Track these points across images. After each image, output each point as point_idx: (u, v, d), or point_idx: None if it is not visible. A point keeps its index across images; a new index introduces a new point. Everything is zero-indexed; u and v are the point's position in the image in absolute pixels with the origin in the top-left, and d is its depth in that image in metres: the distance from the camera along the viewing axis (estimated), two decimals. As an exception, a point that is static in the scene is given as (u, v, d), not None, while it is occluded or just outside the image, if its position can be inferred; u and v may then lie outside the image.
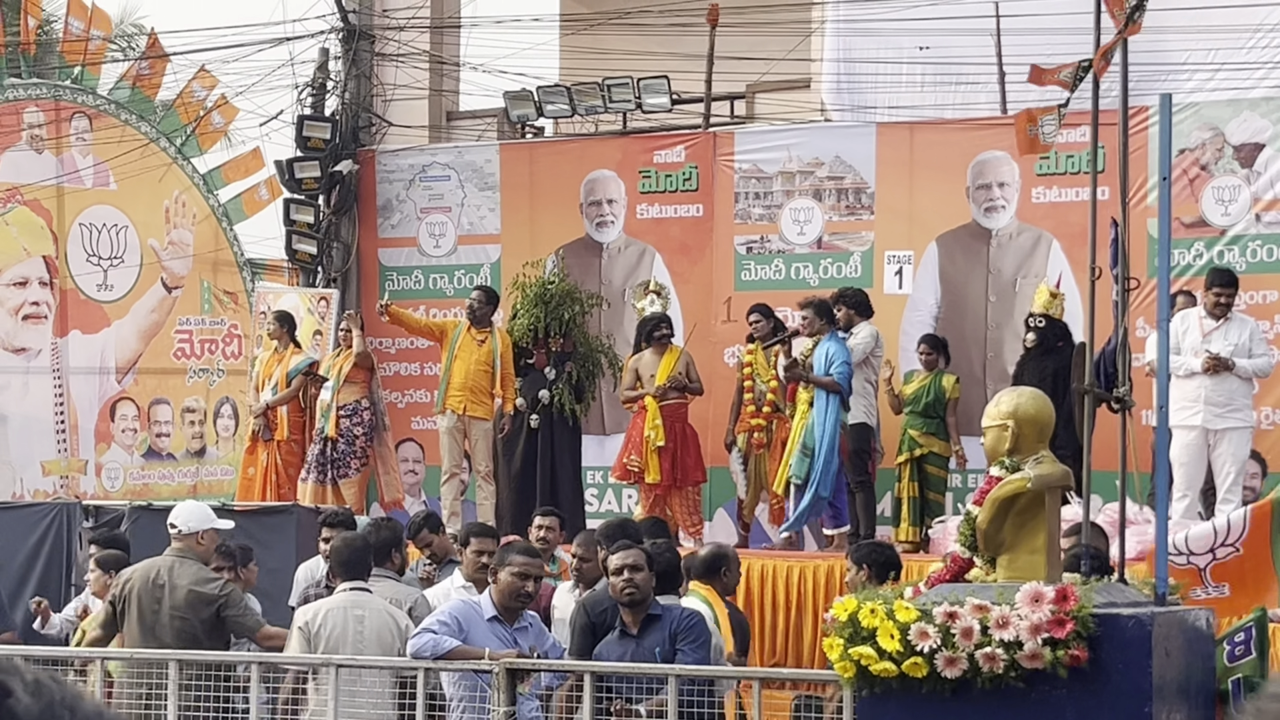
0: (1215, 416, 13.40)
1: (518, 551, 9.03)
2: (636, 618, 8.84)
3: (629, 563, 8.85)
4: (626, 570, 8.84)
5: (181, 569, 10.35)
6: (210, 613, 10.22)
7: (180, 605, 10.21)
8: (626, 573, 8.84)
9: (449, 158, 18.16)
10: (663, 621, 8.81)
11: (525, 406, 15.42)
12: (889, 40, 17.20)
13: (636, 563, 8.86)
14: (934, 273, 16.09)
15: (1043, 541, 7.00)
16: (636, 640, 8.79)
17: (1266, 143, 15.10)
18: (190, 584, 10.26)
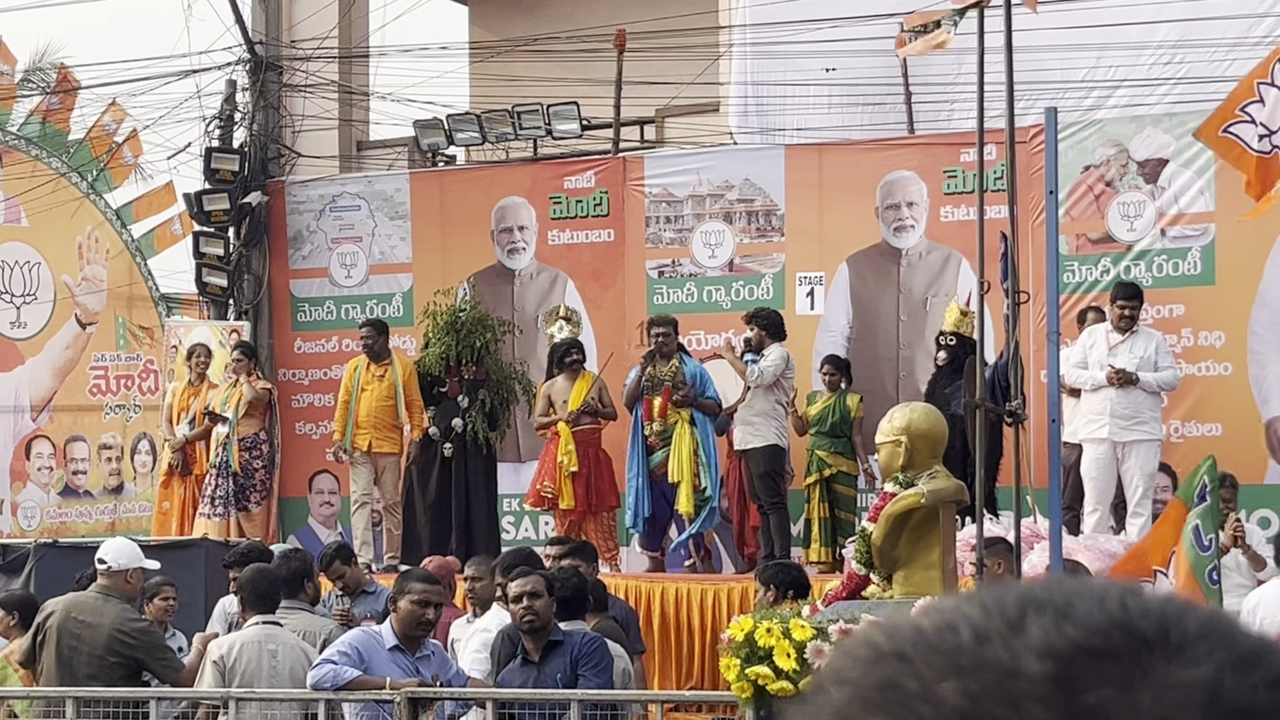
0: (1122, 429, 13.48)
1: (417, 579, 8.97)
2: (538, 645, 8.81)
3: (528, 590, 8.81)
4: (525, 598, 8.80)
5: (106, 607, 10.27)
6: (130, 656, 10.14)
7: (100, 645, 10.11)
8: (525, 600, 8.80)
9: (359, 187, 18.10)
10: (564, 648, 8.77)
11: (439, 435, 15.36)
12: (796, 63, 17.26)
13: (535, 589, 8.82)
14: (845, 293, 16.14)
15: (937, 556, 7.01)
16: (538, 667, 8.76)
17: (1170, 158, 15.21)
18: (113, 625, 10.17)
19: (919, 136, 16.42)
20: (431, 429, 15.40)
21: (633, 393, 14.48)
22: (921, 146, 16.16)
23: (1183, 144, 15.14)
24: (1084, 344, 13.94)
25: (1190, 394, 14.92)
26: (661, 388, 14.44)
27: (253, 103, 18.63)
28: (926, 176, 15.97)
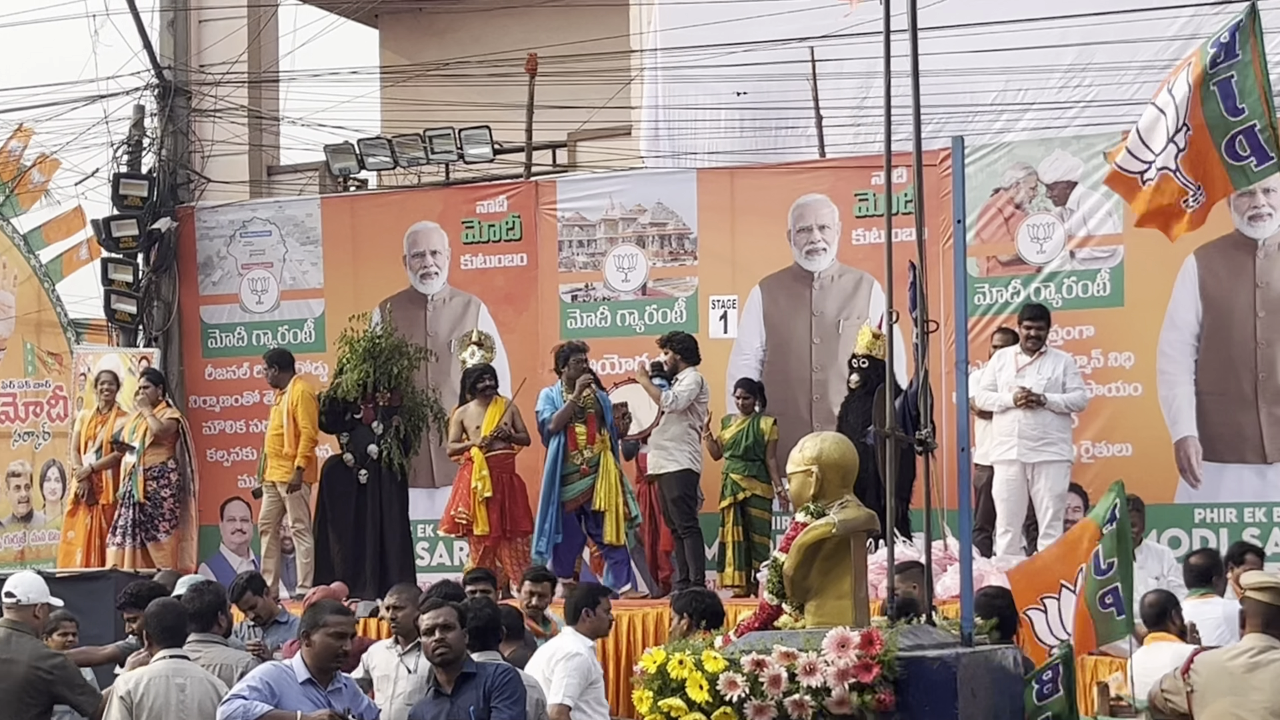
0: (1030, 450, 13.58)
1: (331, 611, 8.87)
2: (450, 677, 8.75)
3: (439, 622, 8.75)
4: (437, 630, 8.74)
5: (20, 643, 10.15)
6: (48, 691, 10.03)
7: (18, 682, 10.00)
8: (438, 632, 8.74)
9: (270, 212, 18.00)
10: (477, 679, 8.72)
11: (354, 462, 15.27)
12: (707, 86, 17.30)
13: (447, 621, 8.76)
14: (758, 316, 16.17)
15: (849, 586, 7.01)
16: (451, 700, 8.71)
17: (1079, 180, 15.32)
18: (30, 661, 10.07)
19: (830, 160, 16.48)
20: (346, 455, 15.32)
21: (564, 418, 14.35)
22: (832, 170, 16.21)
23: (1091, 166, 15.26)
24: (994, 366, 14.03)
25: (1100, 415, 15.02)
26: (585, 415, 14.38)
27: (161, 128, 18.48)
28: (838, 200, 16.02)
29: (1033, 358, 13.82)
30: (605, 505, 14.37)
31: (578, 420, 14.41)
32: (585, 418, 14.41)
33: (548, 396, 14.52)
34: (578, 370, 14.47)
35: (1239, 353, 14.88)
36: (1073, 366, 14.01)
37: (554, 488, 14.42)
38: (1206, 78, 11.54)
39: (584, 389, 14.34)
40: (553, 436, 14.43)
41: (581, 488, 14.45)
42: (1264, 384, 14.80)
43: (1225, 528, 14.48)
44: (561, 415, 14.35)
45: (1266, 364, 14.80)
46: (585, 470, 14.41)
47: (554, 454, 14.43)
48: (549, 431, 14.42)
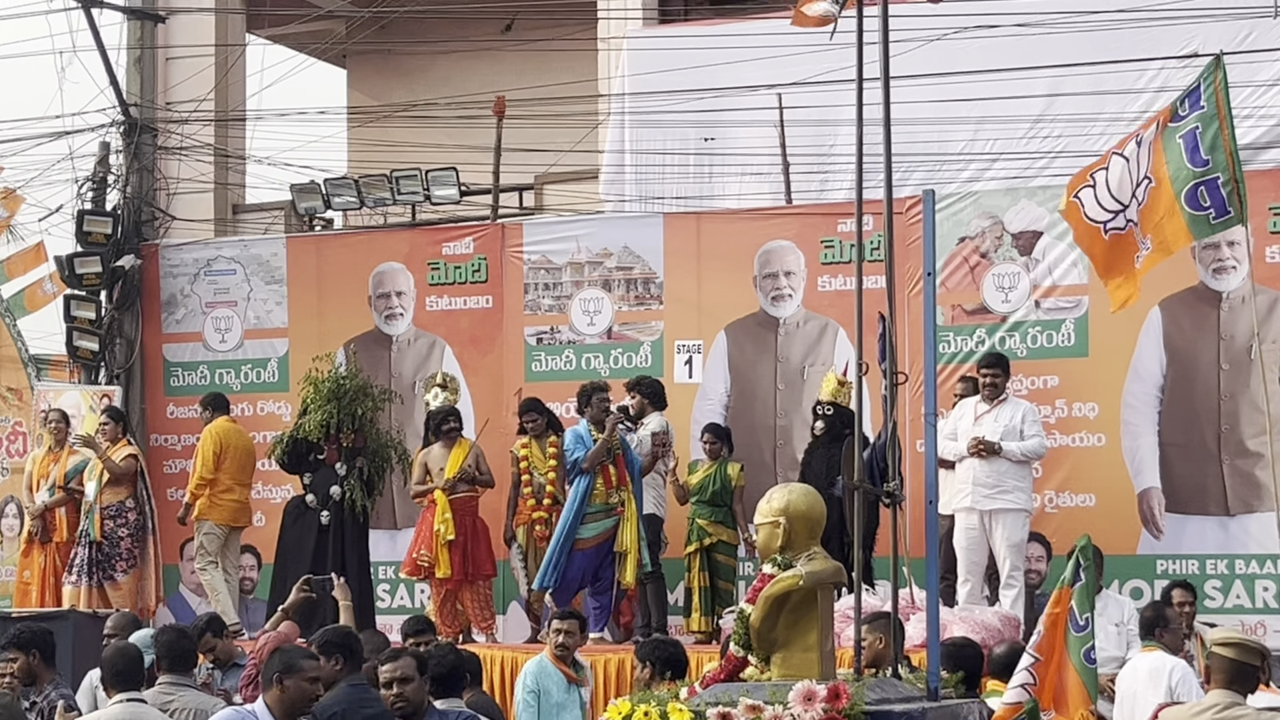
0: (985, 498, 13.61)
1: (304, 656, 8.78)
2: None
3: (396, 675, 8.66)
4: (395, 684, 8.66)
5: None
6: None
7: None
8: (395, 686, 8.65)
9: (235, 251, 17.93)
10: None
11: (315, 503, 15.20)
12: (675, 131, 17.32)
13: (404, 674, 8.66)
14: (723, 362, 16.16)
15: (815, 639, 6.98)
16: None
17: (1044, 230, 15.36)
18: None
19: (796, 206, 16.51)
20: (309, 496, 15.25)
21: (597, 457, 14.12)
22: (799, 216, 16.23)
23: (1056, 217, 15.24)
24: (955, 415, 14.05)
25: (1064, 465, 15.04)
26: (614, 456, 14.23)
27: (127, 165, 18.45)
28: (804, 246, 16.03)
29: (991, 405, 13.85)
30: (628, 548, 14.15)
31: (608, 460, 14.23)
32: (614, 458, 14.25)
33: (577, 435, 14.23)
34: (602, 410, 14.26)
35: (1203, 405, 14.91)
36: (1032, 414, 14.01)
37: (574, 526, 14.15)
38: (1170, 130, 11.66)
39: (614, 427, 14.20)
40: (583, 475, 14.18)
41: (604, 527, 14.17)
42: (1227, 437, 14.82)
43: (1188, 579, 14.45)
44: (595, 454, 14.08)
45: (1230, 417, 14.82)
46: (618, 511, 14.19)
47: (580, 493, 14.14)
48: (581, 470, 14.12)
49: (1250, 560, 14.62)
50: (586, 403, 14.38)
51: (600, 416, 14.23)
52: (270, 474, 17.02)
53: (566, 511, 14.20)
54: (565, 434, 14.47)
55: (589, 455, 14.09)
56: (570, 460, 14.24)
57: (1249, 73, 15.12)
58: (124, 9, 18.99)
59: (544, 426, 14.93)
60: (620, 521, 14.18)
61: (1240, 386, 14.77)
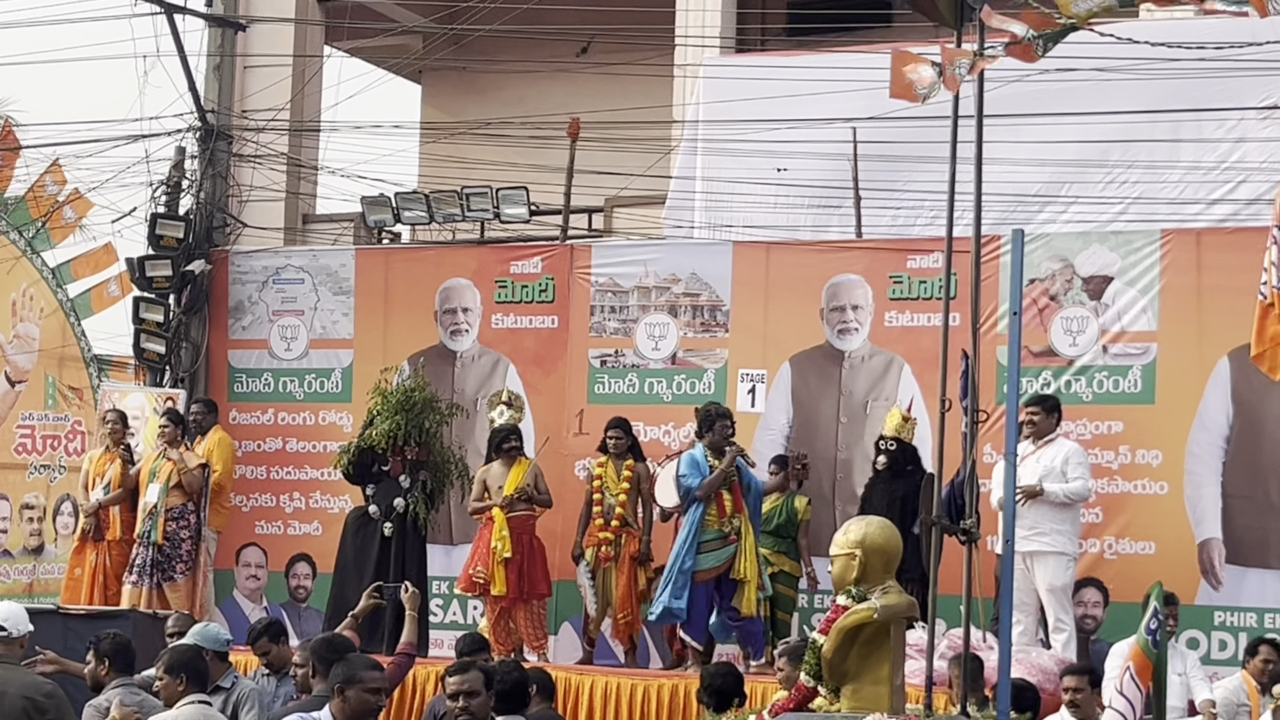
0: (1021, 539, 13.45)
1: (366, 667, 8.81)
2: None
3: (464, 689, 8.68)
4: (462, 696, 8.68)
5: (11, 675, 10.08)
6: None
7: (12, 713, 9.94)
8: (462, 699, 8.68)
9: (303, 260, 18.03)
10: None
11: (379, 514, 15.25)
12: (747, 161, 17.34)
13: (472, 688, 8.68)
14: (786, 392, 16.16)
15: (887, 672, 6.99)
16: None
17: (1115, 275, 15.33)
18: (23, 691, 9.99)
19: (866, 241, 16.50)
20: (371, 507, 15.30)
21: (713, 485, 14.02)
22: (868, 251, 16.22)
23: (1128, 262, 15.29)
24: (1011, 460, 13.98)
25: (1125, 511, 14.99)
26: (730, 483, 14.18)
27: (201, 170, 18.56)
28: (872, 280, 16.03)
29: (1037, 446, 13.76)
30: (747, 575, 14.02)
31: (724, 487, 14.15)
32: (730, 485, 14.19)
33: (693, 460, 14.13)
34: (724, 437, 14.17)
35: (1268, 458, 14.84)
36: (1077, 455, 13.90)
37: (689, 555, 13.99)
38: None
39: (735, 458, 14.16)
40: (697, 503, 14.07)
41: (723, 557, 14.01)
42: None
43: (1245, 631, 14.40)
44: (711, 482, 13.98)
45: (1294, 470, 14.77)
46: (732, 539, 14.08)
47: (694, 521, 14.02)
48: (695, 498, 14.01)
49: (1311, 616, 14.56)
50: (709, 428, 14.25)
51: (720, 444, 14.13)
52: (328, 483, 17.13)
53: (681, 541, 14.04)
54: (682, 457, 14.32)
55: (705, 483, 13.98)
56: (684, 488, 14.11)
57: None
58: (206, 15, 19.14)
59: (625, 447, 14.94)
60: (737, 549, 14.07)
61: (1308, 440, 14.73)
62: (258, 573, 17.74)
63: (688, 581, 13.95)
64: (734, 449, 14.13)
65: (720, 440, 14.13)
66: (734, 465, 14.06)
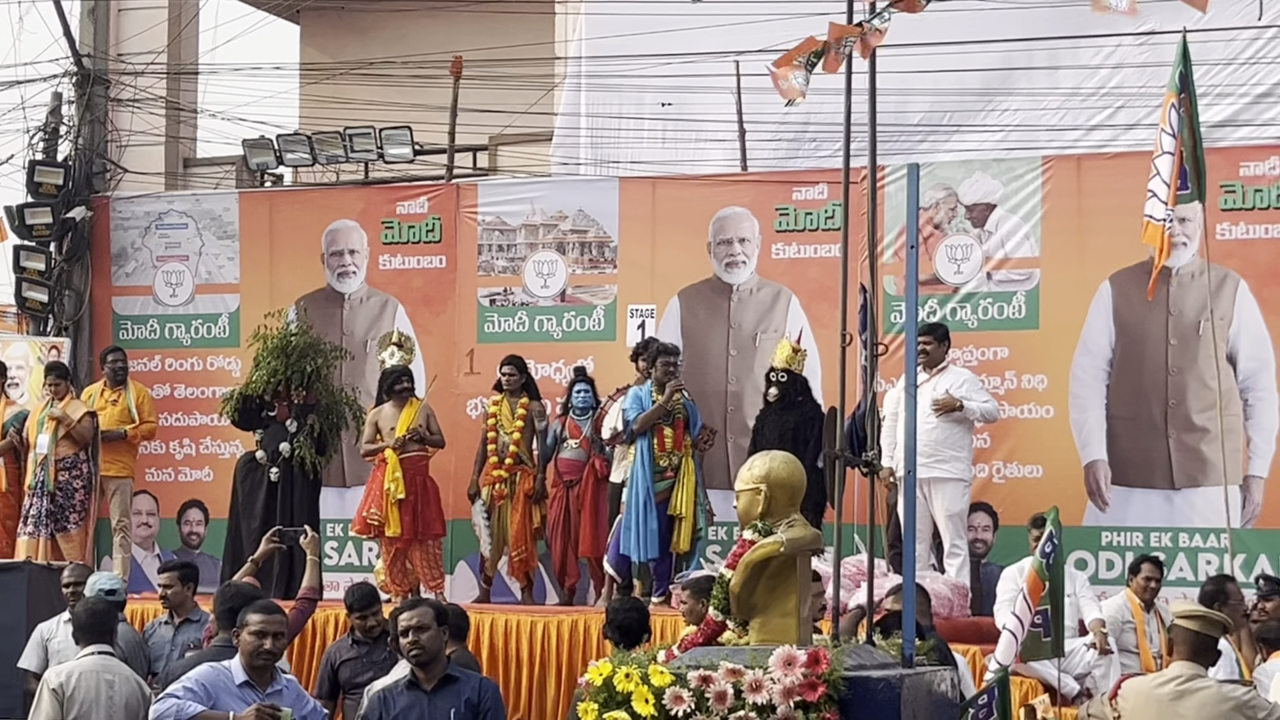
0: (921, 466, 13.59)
1: (255, 610, 8.86)
2: (430, 676, 8.88)
3: (414, 623, 8.90)
4: (412, 632, 8.88)
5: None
6: None
7: None
8: (412, 634, 8.88)
9: (186, 205, 17.87)
10: (460, 686, 8.87)
11: (266, 459, 15.21)
12: (631, 96, 17.34)
13: (422, 623, 8.90)
14: (676, 327, 16.21)
15: (794, 604, 7.05)
16: (428, 696, 8.83)
17: (998, 203, 15.48)
18: None
19: (752, 174, 16.58)
20: (259, 453, 15.26)
21: (649, 420, 14.07)
22: (754, 184, 16.29)
23: (1010, 189, 15.45)
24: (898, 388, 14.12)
25: (1012, 436, 15.20)
26: (674, 419, 14.19)
27: (79, 116, 18.34)
28: (758, 213, 16.11)
29: (930, 375, 13.90)
30: (683, 512, 14.14)
31: (665, 423, 14.20)
32: (673, 421, 14.21)
33: (636, 396, 14.20)
34: (667, 373, 14.23)
35: (1150, 379, 15.09)
36: (974, 382, 14.10)
37: (649, 488, 14.09)
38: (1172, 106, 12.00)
39: (675, 393, 14.20)
40: (637, 438, 14.11)
41: (659, 489, 14.16)
42: (1174, 411, 15.01)
43: (1131, 551, 14.64)
44: (647, 418, 14.04)
45: (1177, 391, 15.01)
46: (669, 474, 14.17)
47: (641, 456, 14.09)
48: (632, 432, 14.08)
49: (1194, 534, 14.82)
50: (651, 362, 14.33)
51: (664, 379, 14.19)
52: (218, 429, 17.06)
53: (639, 477, 14.07)
54: (627, 393, 14.41)
55: (640, 418, 14.06)
56: (625, 422, 14.17)
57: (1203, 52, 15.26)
58: (79, -42, 18.91)
59: (520, 384, 15.01)
60: (675, 485, 14.17)
61: (1188, 362, 14.96)
62: (149, 520, 17.65)
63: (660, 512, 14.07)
64: (675, 383, 14.20)
65: (664, 376, 14.22)
66: (672, 401, 14.13)
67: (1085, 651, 12.15)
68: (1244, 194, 14.85)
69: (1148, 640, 12.40)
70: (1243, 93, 16.04)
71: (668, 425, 14.17)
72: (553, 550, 15.13)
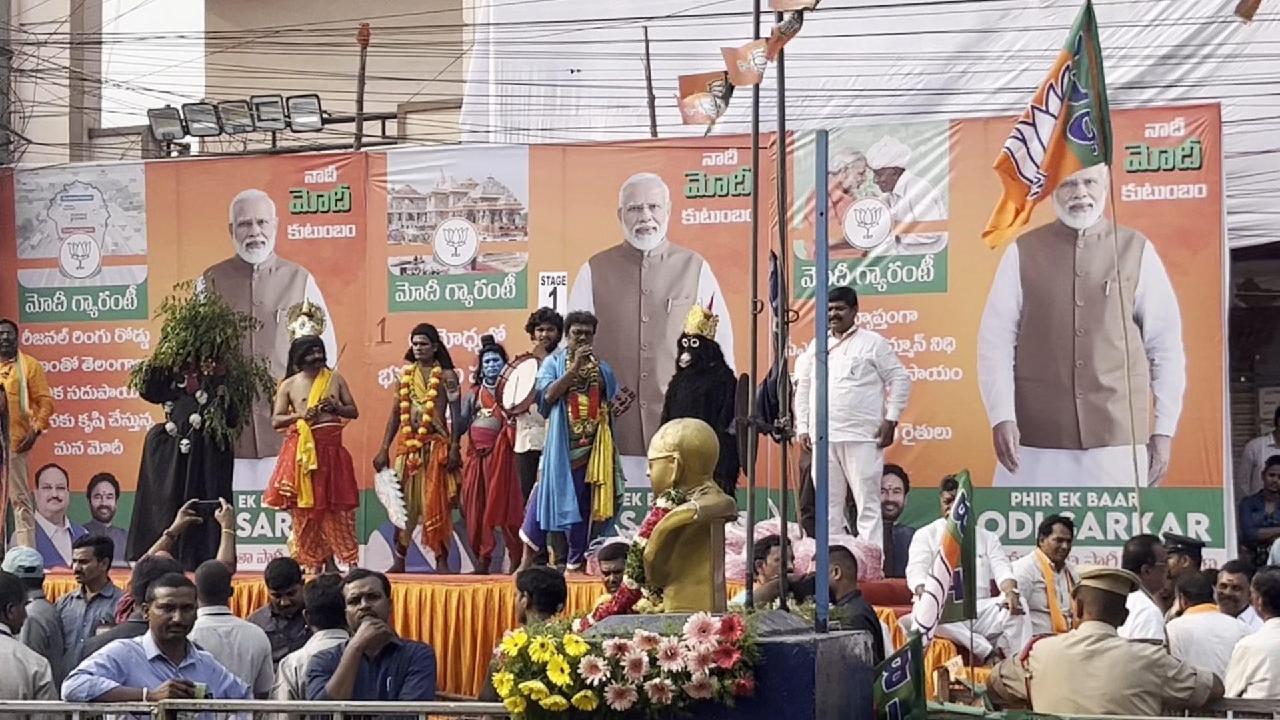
0: (835, 430, 13.69)
1: (162, 583, 8.86)
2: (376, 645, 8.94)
3: (365, 591, 9.04)
4: (364, 599, 9.01)
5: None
6: None
7: None
8: (364, 601, 9.01)
9: (92, 176, 17.70)
10: (401, 653, 8.95)
11: (176, 431, 15.11)
12: (541, 63, 17.30)
13: (373, 590, 9.05)
14: (588, 293, 16.22)
15: (708, 571, 7.07)
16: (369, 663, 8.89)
17: (906, 166, 15.55)
18: None
19: (662, 140, 16.58)
20: (169, 425, 15.16)
21: (561, 389, 14.04)
22: (664, 150, 16.30)
23: (918, 153, 15.52)
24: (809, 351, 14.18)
25: (922, 398, 15.26)
26: (589, 387, 14.16)
27: (-20, 87, 18.17)
28: (668, 179, 16.13)
29: (840, 339, 13.97)
30: (601, 479, 14.14)
31: (580, 391, 14.15)
32: (588, 389, 14.19)
33: (550, 366, 14.18)
34: (579, 341, 14.18)
35: (1058, 340, 15.22)
36: (884, 347, 14.18)
37: (564, 455, 14.07)
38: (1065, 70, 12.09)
39: (582, 361, 14.18)
40: (550, 407, 14.10)
41: (575, 457, 14.16)
42: (1081, 371, 15.14)
43: (1040, 511, 14.79)
44: (558, 386, 14.01)
45: (1084, 352, 15.14)
46: (583, 442, 14.15)
47: (557, 424, 14.09)
48: (545, 402, 14.09)
49: (1102, 493, 14.97)
50: (565, 330, 14.36)
51: (575, 347, 14.17)
52: (127, 402, 16.92)
53: (555, 446, 14.07)
54: (527, 362, 14.44)
55: (551, 387, 14.05)
56: (538, 391, 14.17)
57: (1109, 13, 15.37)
58: (-23, -73, 18.70)
59: (432, 353, 14.98)
60: (590, 452, 14.17)
61: (1094, 322, 15.09)
62: (59, 494, 17.51)
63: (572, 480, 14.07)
64: (584, 350, 14.19)
65: (575, 344, 14.22)
66: (586, 369, 14.12)
67: (997, 612, 12.25)
68: (1149, 155, 14.97)
69: (1059, 600, 12.53)
70: (1148, 54, 16.18)
71: (582, 393, 14.17)
72: (467, 519, 15.12)
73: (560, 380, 14.06)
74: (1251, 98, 15.34)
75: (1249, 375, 18.20)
